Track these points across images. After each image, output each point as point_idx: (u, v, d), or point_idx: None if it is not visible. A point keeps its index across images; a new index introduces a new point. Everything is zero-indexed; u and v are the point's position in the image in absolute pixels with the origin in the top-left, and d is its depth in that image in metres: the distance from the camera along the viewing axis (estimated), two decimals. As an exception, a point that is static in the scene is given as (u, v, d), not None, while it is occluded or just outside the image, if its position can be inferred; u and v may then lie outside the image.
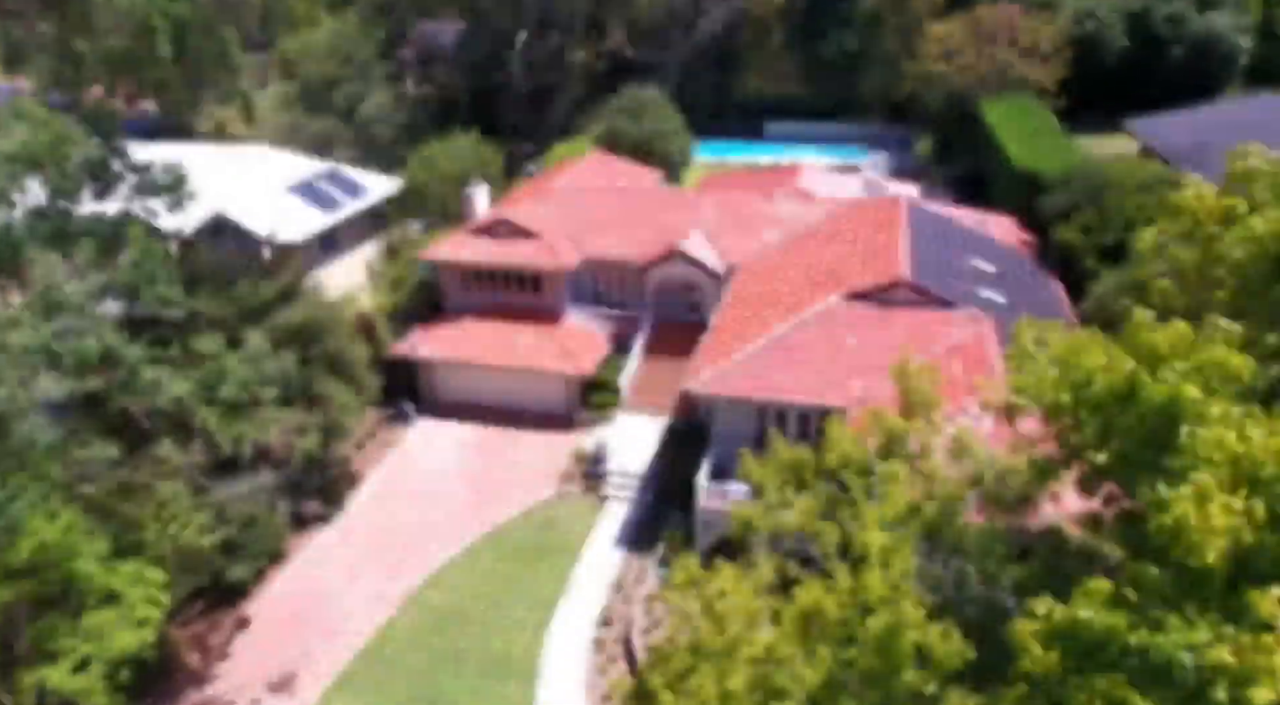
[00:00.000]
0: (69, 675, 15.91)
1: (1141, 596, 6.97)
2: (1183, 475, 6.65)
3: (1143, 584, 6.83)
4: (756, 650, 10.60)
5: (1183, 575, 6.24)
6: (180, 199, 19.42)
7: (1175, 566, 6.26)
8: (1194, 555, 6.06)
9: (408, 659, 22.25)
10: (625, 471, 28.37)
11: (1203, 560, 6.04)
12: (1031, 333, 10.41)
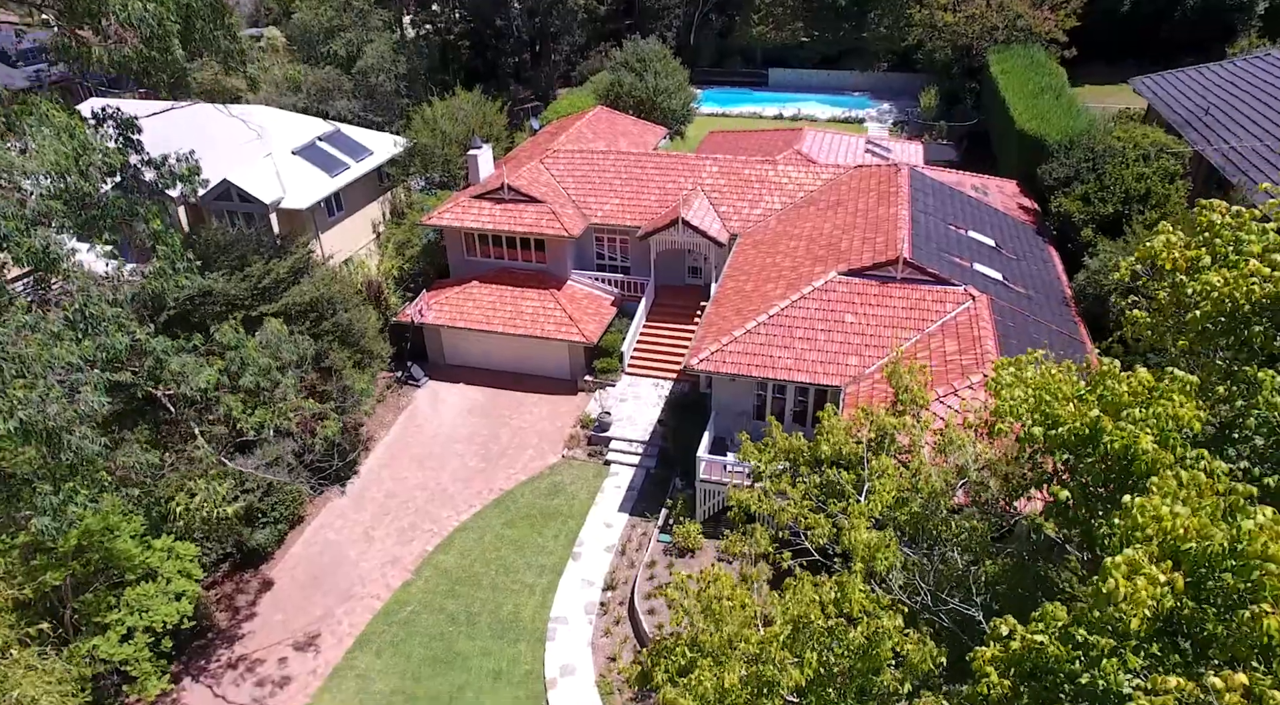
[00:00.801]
0: (116, 645, 17.32)
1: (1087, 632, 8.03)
2: (1125, 537, 7.64)
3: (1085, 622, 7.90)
4: (750, 647, 11.82)
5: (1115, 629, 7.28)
6: (194, 187, 19.98)
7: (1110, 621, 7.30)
8: (1120, 621, 7.10)
9: (423, 620, 23.76)
10: (628, 437, 29.54)
11: (1126, 627, 7.07)
12: (1009, 371, 11.29)
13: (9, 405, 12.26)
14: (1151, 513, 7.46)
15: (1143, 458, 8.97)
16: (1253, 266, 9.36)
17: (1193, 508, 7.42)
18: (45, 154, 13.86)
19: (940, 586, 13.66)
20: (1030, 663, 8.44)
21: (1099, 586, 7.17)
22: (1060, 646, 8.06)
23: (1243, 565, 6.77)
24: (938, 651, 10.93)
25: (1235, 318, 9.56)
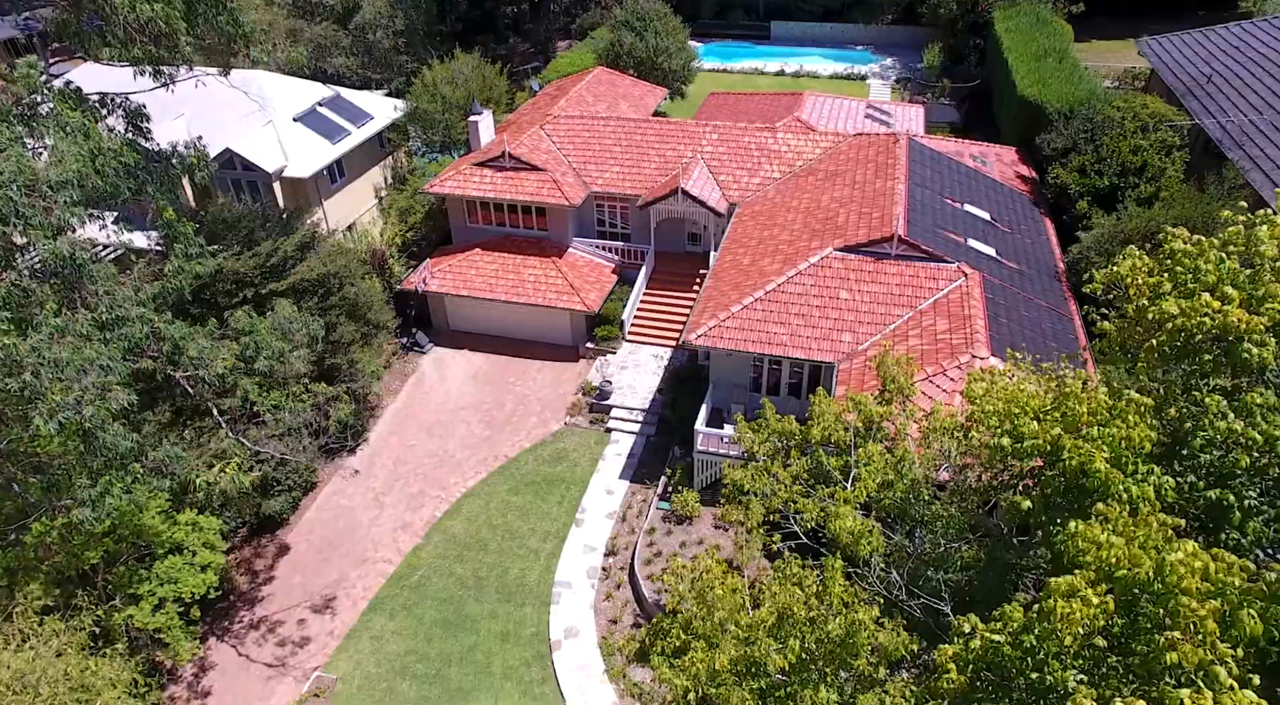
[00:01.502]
0: (150, 615, 18.60)
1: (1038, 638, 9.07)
2: (1071, 558, 8.59)
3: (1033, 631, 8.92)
4: (740, 631, 12.95)
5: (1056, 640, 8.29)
6: (206, 175, 20.60)
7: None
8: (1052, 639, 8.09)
9: (433, 584, 25.11)
10: (629, 406, 30.56)
11: (1060, 646, 8.07)
12: (981, 384, 12.13)
13: (49, 408, 13.19)
14: (1091, 539, 8.41)
15: (1095, 475, 9.90)
16: (1204, 299, 10.13)
17: (1127, 536, 8.36)
18: (68, 163, 14.48)
19: (919, 569, 14.76)
20: (987, 661, 9.50)
21: (1043, 603, 8.16)
22: (1011, 650, 9.10)
23: (1163, 594, 7.74)
24: (910, 640, 12.05)
25: (1189, 346, 10.38)
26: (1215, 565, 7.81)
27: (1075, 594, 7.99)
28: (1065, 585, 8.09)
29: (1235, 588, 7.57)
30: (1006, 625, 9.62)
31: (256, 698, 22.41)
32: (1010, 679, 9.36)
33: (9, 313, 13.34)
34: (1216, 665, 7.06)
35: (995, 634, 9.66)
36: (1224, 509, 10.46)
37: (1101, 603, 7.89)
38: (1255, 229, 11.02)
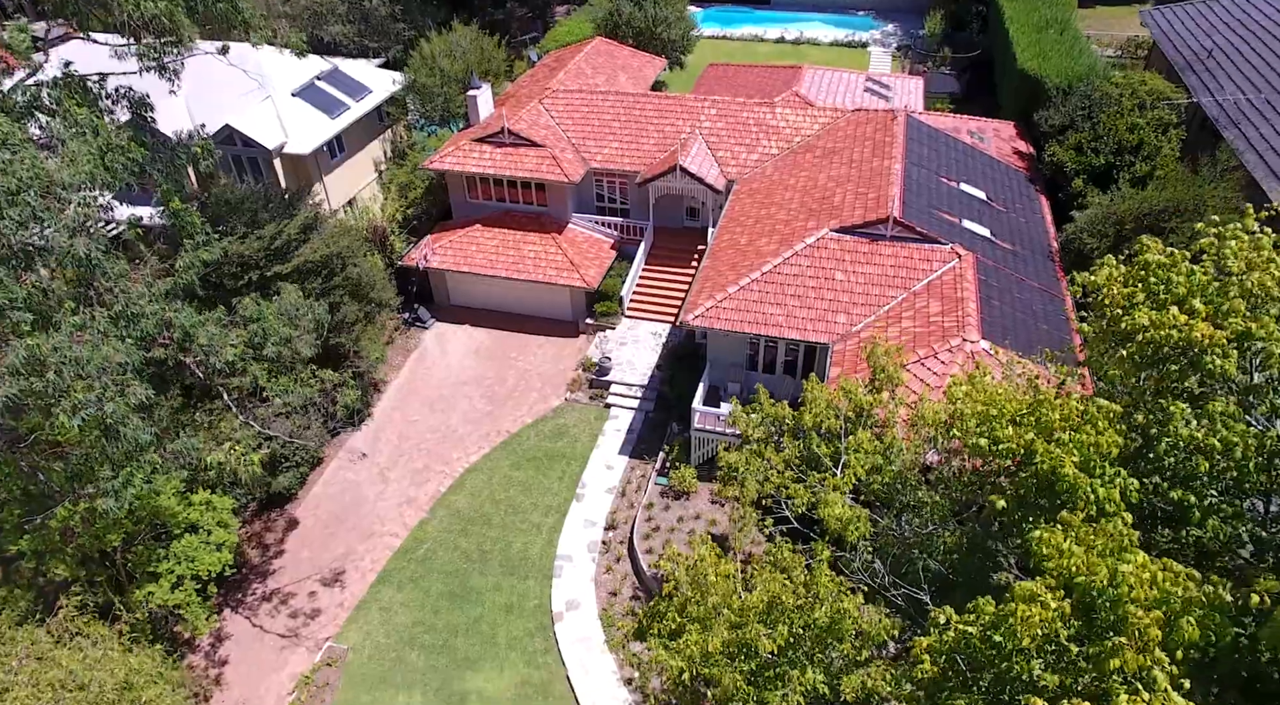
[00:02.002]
0: (169, 592, 19.51)
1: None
2: (1037, 562, 9.32)
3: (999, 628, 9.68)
4: (732, 616, 13.79)
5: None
6: (211, 164, 21.01)
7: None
8: (1014, 638, 8.86)
9: (439, 558, 26.05)
10: (628, 381, 31.26)
11: (1019, 645, 8.83)
12: (963, 388, 12.77)
13: (72, 405, 13.86)
14: (1054, 546, 9.13)
15: (1064, 479, 10.61)
16: (1172, 314, 10.72)
17: (1087, 544, 9.08)
18: (80, 164, 14.94)
19: (905, 554, 15.56)
20: (960, 651, 10.30)
21: (1006, 606, 8.92)
22: (980, 644, 9.89)
23: (1115, 601, 8.47)
24: (891, 626, 12.89)
25: (1158, 356, 11.00)
26: (1163, 575, 8.54)
27: (1035, 599, 8.74)
28: (1026, 590, 8.83)
29: (1178, 597, 8.31)
30: (979, 617, 10.41)
31: (271, 667, 23.47)
32: (979, 669, 10.16)
33: (31, 313, 13.93)
34: (1155, 670, 7.83)
35: (968, 625, 10.45)
36: (1186, 508, 11.19)
37: (1059, 607, 8.64)
38: (1225, 241, 11.56)
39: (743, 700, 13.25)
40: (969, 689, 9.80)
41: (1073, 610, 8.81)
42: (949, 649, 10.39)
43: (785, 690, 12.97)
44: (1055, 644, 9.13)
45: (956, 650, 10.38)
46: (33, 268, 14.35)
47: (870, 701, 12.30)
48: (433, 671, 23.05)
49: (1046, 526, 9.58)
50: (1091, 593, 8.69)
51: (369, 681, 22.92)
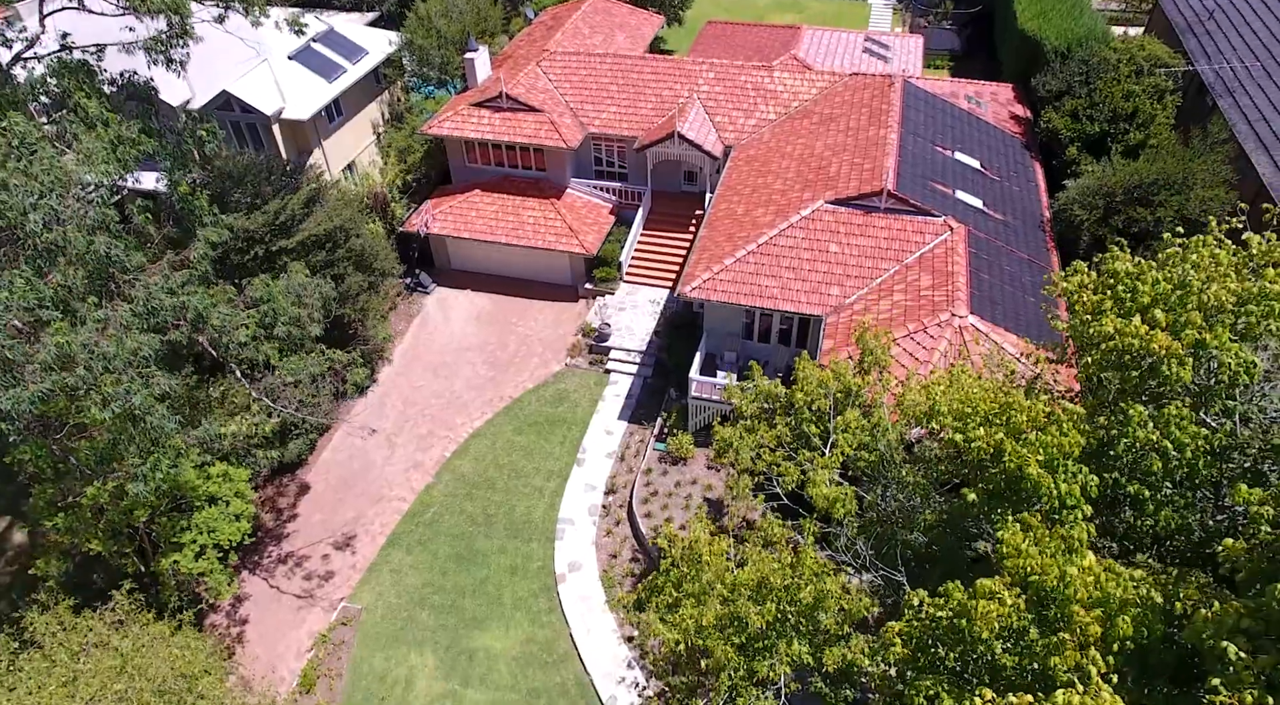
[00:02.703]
0: (193, 561, 20.73)
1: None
2: (999, 559, 10.35)
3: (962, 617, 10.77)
4: (724, 591, 14.94)
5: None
6: (216, 145, 21.53)
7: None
8: (972, 630, 9.93)
9: (445, 521, 27.31)
10: (627, 347, 32.15)
11: (978, 637, 9.90)
12: (940, 388, 13.67)
13: (102, 398, 14.77)
14: (1015, 546, 10.16)
15: (1029, 478, 11.60)
16: (1135, 325, 11.54)
17: (1042, 546, 10.10)
18: (96, 162, 15.56)
19: (888, 531, 16.65)
20: (929, 635, 11.44)
21: (966, 602, 10.00)
22: (945, 629, 11.01)
23: (1063, 600, 9.51)
24: (871, 603, 14.06)
25: (1120, 362, 11.87)
26: (1106, 576, 9.57)
27: (994, 596, 9.80)
28: (985, 588, 9.89)
29: (1117, 598, 9.34)
30: (949, 601, 11.51)
31: (289, 626, 24.90)
32: (948, 648, 11.30)
33: (59, 312, 14.74)
34: (1090, 666, 8.90)
35: (938, 610, 11.56)
36: (1141, 501, 12.22)
37: (1015, 603, 9.70)
38: (1190, 252, 12.34)
39: (733, 669, 14.50)
40: (936, 670, 10.94)
41: (1028, 605, 9.88)
42: (919, 633, 11.52)
43: (773, 661, 14.21)
44: (1014, 631, 10.22)
45: (926, 634, 11.51)
46: (55, 266, 15.09)
47: (850, 672, 13.53)
48: (442, 630, 24.48)
49: (1010, 526, 10.59)
50: (1044, 590, 9.74)
51: (382, 640, 24.36)
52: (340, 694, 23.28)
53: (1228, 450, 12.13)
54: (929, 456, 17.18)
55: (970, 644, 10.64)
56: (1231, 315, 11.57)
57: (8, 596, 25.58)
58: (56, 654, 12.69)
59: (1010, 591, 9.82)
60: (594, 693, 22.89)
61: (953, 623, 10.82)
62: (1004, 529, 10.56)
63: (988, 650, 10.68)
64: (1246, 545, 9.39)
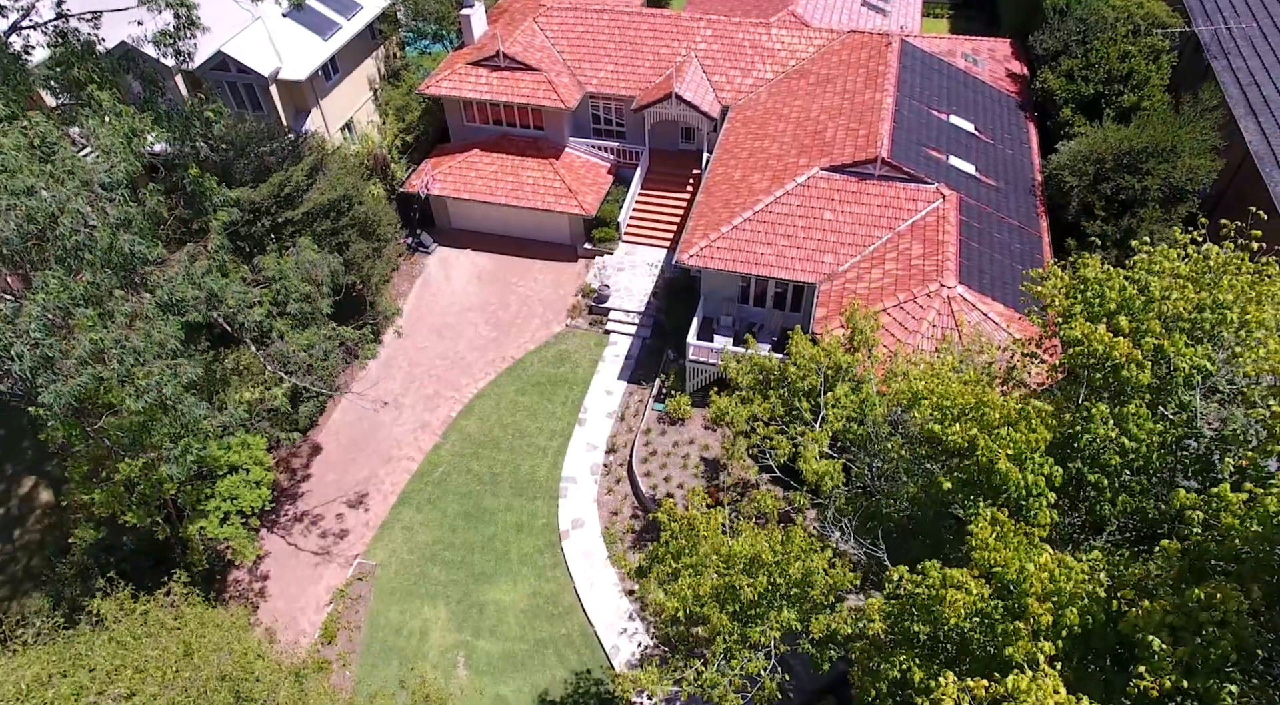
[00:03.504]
0: (219, 527, 22.09)
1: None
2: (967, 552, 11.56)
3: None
4: (719, 564, 16.28)
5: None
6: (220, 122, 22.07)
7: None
8: (939, 615, 11.19)
9: (453, 480, 28.67)
10: (626, 308, 33.09)
11: (945, 622, 11.17)
12: (922, 383, 14.74)
13: (135, 390, 15.80)
14: (982, 541, 11.39)
15: (998, 472, 12.78)
16: (1100, 332, 12.52)
17: (1006, 541, 11.31)
18: (117, 159, 16.24)
19: (873, 505, 17.92)
20: (905, 611, 12.77)
21: (938, 584, 11.28)
22: (920, 610, 12.32)
23: (1021, 593, 10.75)
24: (854, 577, 15.41)
25: (1086, 364, 12.91)
26: (1059, 571, 10.80)
27: (961, 586, 11.07)
28: (953, 578, 11.15)
29: (1067, 592, 10.58)
30: (925, 578, 12.82)
31: (309, 581, 26.47)
32: (921, 625, 12.65)
33: (91, 308, 15.64)
34: (1039, 654, 10.18)
35: (915, 586, 12.87)
36: (1101, 489, 13.43)
37: (979, 592, 10.97)
38: (1153, 261, 13.27)
39: (728, 634, 15.94)
40: (910, 644, 12.30)
41: (992, 593, 11.16)
42: (896, 610, 12.86)
43: (764, 627, 15.63)
44: (981, 613, 11.52)
45: (903, 609, 12.85)
46: (84, 264, 15.91)
47: (834, 639, 14.96)
48: (453, 585, 26.06)
49: (980, 520, 11.80)
50: (1005, 582, 11.00)
51: (397, 594, 25.95)
52: (359, 645, 24.97)
53: (1182, 440, 13.30)
54: (912, 434, 18.37)
55: (939, 624, 11.96)
56: (1188, 322, 12.57)
57: (40, 553, 27.12)
58: (123, 638, 14.01)
59: (976, 582, 11.08)
60: (598, 643, 24.57)
61: (927, 603, 12.11)
62: (974, 523, 11.77)
63: (955, 629, 12.03)
64: (1180, 546, 10.60)
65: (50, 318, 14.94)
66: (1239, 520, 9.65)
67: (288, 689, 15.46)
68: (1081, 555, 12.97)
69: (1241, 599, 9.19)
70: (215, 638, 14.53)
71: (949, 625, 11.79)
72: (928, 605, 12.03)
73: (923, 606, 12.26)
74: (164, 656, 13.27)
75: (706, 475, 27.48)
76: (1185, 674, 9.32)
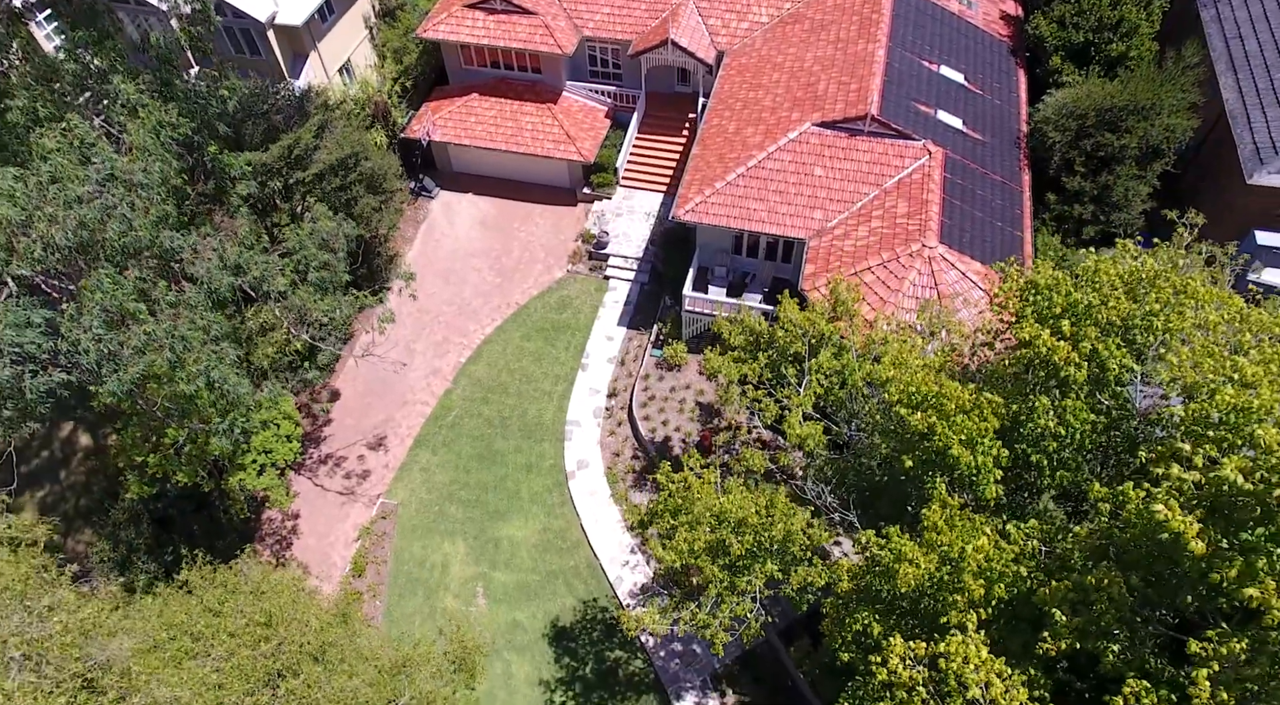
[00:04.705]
0: (256, 478, 24.47)
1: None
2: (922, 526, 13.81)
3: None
4: (710, 522, 18.68)
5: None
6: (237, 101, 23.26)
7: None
8: (893, 585, 13.58)
9: (465, 424, 30.99)
10: (624, 254, 34.71)
11: (897, 589, 13.55)
12: (890, 371, 16.75)
13: (188, 375, 17.78)
14: (933, 523, 13.65)
15: (951, 456, 14.97)
16: (1044, 336, 14.43)
17: (952, 524, 13.57)
18: (152, 159, 17.70)
19: (851, 463, 20.21)
20: (869, 572, 15.20)
21: (889, 564, 13.62)
22: (879, 577, 14.74)
23: (960, 570, 13.04)
24: (829, 535, 17.84)
25: (1032, 363, 14.90)
26: (993, 552, 13.09)
27: (912, 560, 13.40)
28: (909, 552, 13.49)
29: (997, 571, 12.88)
30: (888, 542, 15.19)
31: (336, 519, 29.11)
32: (881, 583, 15.10)
33: (143, 303, 17.44)
34: (969, 622, 12.56)
35: (880, 549, 15.26)
36: (1041, 467, 15.66)
37: (927, 566, 13.31)
38: (1094, 276, 15.09)
39: (719, 582, 18.48)
40: (872, 603, 14.77)
41: (938, 566, 13.51)
42: (859, 573, 15.29)
43: (750, 577, 18.15)
44: (931, 579, 13.92)
45: (868, 570, 15.28)
46: (130, 262, 17.59)
47: (808, 589, 17.49)
48: (470, 522, 28.72)
49: (933, 504, 14.06)
50: (950, 560, 13.32)
51: (418, 531, 28.63)
52: (386, 577, 27.79)
53: (1115, 423, 15.45)
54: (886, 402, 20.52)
55: (896, 587, 14.38)
56: (1120, 329, 14.49)
57: (87, 493, 29.65)
58: (214, 605, 16.45)
59: (925, 557, 13.42)
60: (603, 574, 27.39)
61: (886, 567, 14.51)
62: (928, 508, 14.04)
63: (906, 595, 14.49)
64: (1089, 528, 12.84)
65: (108, 314, 16.75)
66: (1134, 515, 11.84)
67: (336, 631, 18.04)
68: (1020, 523, 15.34)
69: (1122, 584, 11.49)
70: (285, 598, 16.95)
71: (901, 591, 14.21)
72: (887, 569, 14.42)
73: (882, 571, 14.66)
74: (250, 626, 15.73)
75: (701, 419, 29.81)
76: (1080, 638, 11.72)
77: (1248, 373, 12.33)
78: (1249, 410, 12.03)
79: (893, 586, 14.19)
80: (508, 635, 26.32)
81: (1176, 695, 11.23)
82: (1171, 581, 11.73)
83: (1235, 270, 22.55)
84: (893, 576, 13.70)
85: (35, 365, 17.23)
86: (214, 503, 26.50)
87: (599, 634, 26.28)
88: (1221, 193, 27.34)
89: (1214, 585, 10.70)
